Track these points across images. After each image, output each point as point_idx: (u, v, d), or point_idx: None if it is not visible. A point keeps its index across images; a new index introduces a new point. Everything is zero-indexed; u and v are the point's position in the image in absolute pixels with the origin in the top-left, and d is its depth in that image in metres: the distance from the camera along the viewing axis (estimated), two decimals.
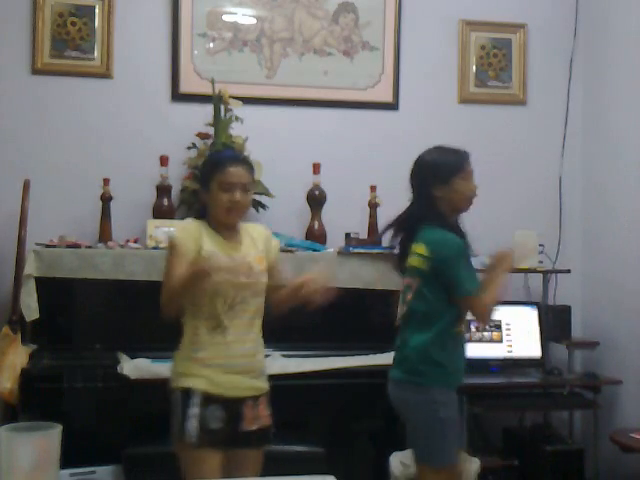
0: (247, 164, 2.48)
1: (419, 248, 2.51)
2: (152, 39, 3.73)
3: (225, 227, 2.43)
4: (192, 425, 2.25)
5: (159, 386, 2.60)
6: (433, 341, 2.45)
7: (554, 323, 3.74)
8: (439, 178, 2.59)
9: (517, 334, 3.68)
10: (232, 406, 2.31)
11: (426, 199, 2.61)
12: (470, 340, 3.65)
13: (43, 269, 3.17)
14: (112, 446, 2.92)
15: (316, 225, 3.65)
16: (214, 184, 2.39)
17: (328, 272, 2.54)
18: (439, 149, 2.68)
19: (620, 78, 3.77)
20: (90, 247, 3.32)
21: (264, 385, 2.44)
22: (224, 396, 2.30)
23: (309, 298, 2.38)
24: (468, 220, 2.65)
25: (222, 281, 2.32)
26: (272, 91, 3.81)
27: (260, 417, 2.38)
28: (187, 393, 2.29)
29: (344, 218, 3.72)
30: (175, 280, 2.26)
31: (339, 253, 3.44)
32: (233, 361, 2.34)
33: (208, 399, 2.28)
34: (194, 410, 2.27)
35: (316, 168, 3.66)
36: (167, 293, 2.29)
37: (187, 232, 2.38)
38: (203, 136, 3.60)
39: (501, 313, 3.71)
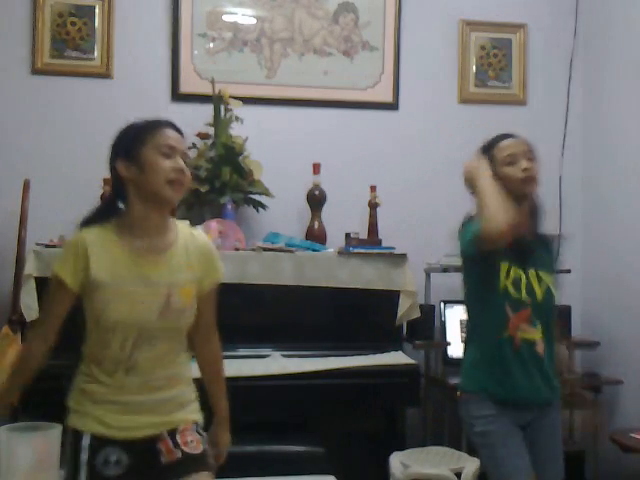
0: (182, 133, 1.97)
1: None
2: (152, 39, 3.73)
3: (157, 219, 1.91)
4: (82, 477, 1.82)
5: None
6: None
7: None
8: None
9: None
10: (137, 446, 1.87)
11: None
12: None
13: (43, 269, 3.16)
14: None
15: (316, 225, 3.65)
16: (148, 150, 1.88)
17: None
18: None
19: (620, 78, 3.77)
20: None
21: (189, 416, 1.96)
22: (119, 438, 1.85)
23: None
24: None
25: (119, 319, 1.83)
26: (272, 91, 3.81)
27: (184, 444, 1.90)
28: (76, 434, 1.85)
29: (344, 218, 3.72)
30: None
31: (339, 253, 3.44)
32: (131, 398, 1.87)
33: (100, 441, 1.84)
34: (83, 457, 1.83)
35: (316, 168, 3.66)
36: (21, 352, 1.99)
37: (67, 254, 1.87)
38: (203, 136, 3.60)
39: None
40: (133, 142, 1.92)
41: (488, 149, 2.38)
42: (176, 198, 1.90)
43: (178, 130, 1.97)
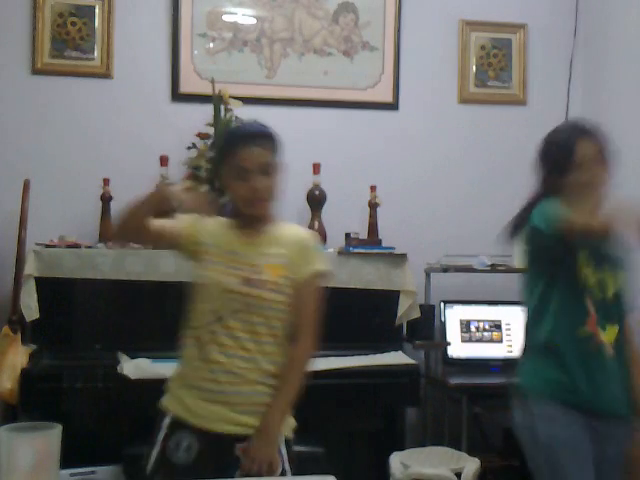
0: (264, 137, 2.02)
1: None
2: (152, 39, 3.73)
3: (249, 221, 2.02)
4: (153, 453, 1.93)
5: (159, 386, 2.59)
6: None
7: None
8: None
9: (517, 334, 3.68)
10: (211, 438, 1.92)
11: None
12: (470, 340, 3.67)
13: (43, 269, 3.16)
14: (112, 446, 2.92)
15: (316, 225, 3.65)
16: (225, 171, 2.00)
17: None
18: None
19: (620, 78, 3.77)
20: (90, 247, 3.32)
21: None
22: (194, 425, 1.93)
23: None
24: (468, 220, 2.65)
25: (209, 282, 1.96)
26: (272, 91, 3.81)
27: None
28: (161, 413, 1.99)
29: (344, 218, 3.72)
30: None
31: (339, 253, 3.44)
32: (208, 385, 1.93)
33: (178, 423, 1.94)
34: (160, 434, 1.95)
35: (316, 168, 3.66)
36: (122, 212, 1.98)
37: (195, 218, 2.02)
38: (203, 136, 3.60)
39: (501, 313, 3.72)
40: (218, 158, 2.08)
41: (566, 150, 2.19)
42: (260, 213, 2.00)
43: (259, 141, 2.00)
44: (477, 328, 3.64)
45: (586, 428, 2.01)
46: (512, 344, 3.63)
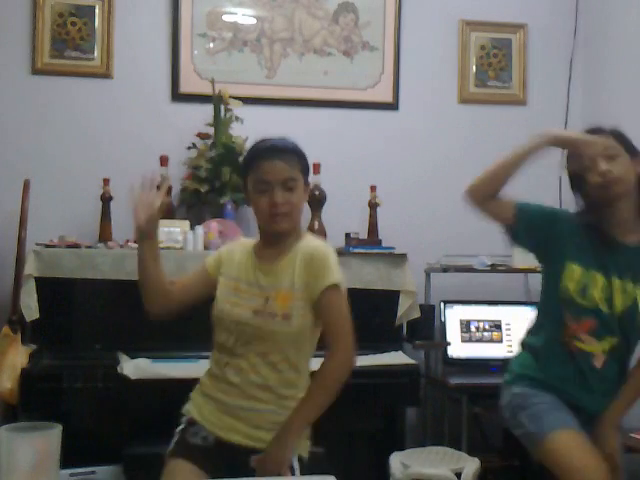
0: (288, 153, 2.00)
1: None
2: (152, 39, 3.73)
3: (272, 240, 2.03)
4: (173, 441, 2.05)
5: (159, 386, 2.61)
6: None
7: None
8: None
9: (517, 334, 3.67)
10: (227, 448, 1.97)
11: None
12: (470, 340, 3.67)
13: (43, 269, 3.16)
14: (112, 446, 2.92)
15: (316, 225, 3.65)
16: (249, 185, 2.01)
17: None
18: None
19: (620, 78, 3.77)
20: (90, 247, 3.32)
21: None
22: (212, 433, 2.01)
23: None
24: (468, 220, 2.64)
25: (223, 309, 2.01)
26: (272, 91, 3.81)
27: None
28: (181, 417, 2.10)
29: (344, 218, 3.72)
30: None
31: (339, 253, 3.43)
32: (225, 398, 1.99)
33: (195, 422, 2.04)
34: (179, 428, 2.08)
35: (316, 168, 3.65)
36: None
37: (220, 251, 2.14)
38: (203, 136, 3.60)
39: (501, 313, 3.72)
40: (242, 172, 2.07)
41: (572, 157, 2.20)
42: (281, 229, 1.99)
43: (284, 150, 2.01)
44: (477, 328, 3.64)
45: (564, 404, 2.06)
46: (512, 344, 3.63)
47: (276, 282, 1.98)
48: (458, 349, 3.64)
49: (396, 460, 3.04)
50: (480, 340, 3.65)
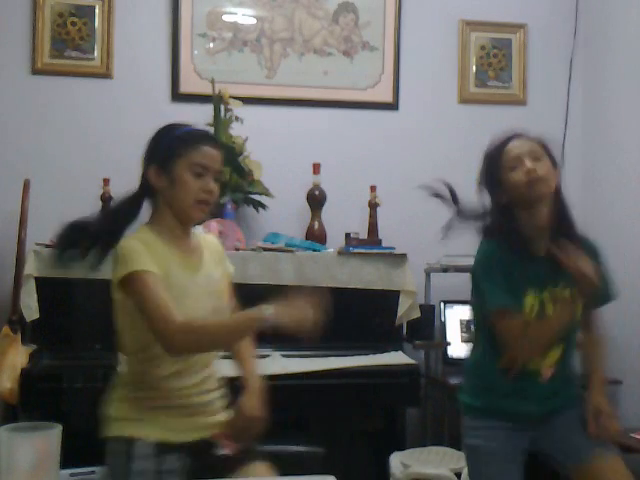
0: (220, 149, 1.99)
1: None
2: (152, 39, 3.74)
3: (181, 231, 1.95)
4: None
5: None
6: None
7: None
8: None
9: None
10: (196, 448, 1.92)
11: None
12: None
13: (43, 269, 3.16)
14: None
15: (316, 225, 3.65)
16: (182, 165, 1.89)
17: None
18: None
19: (620, 78, 3.77)
20: None
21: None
22: (182, 442, 1.89)
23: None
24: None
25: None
26: (272, 91, 3.81)
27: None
28: (130, 442, 1.89)
29: (344, 218, 3.72)
30: (210, 325, 1.84)
31: (339, 253, 3.44)
32: (186, 401, 1.93)
33: (164, 448, 1.86)
34: (142, 465, 1.85)
35: (316, 168, 3.66)
36: (191, 334, 1.80)
37: (135, 253, 1.86)
38: None
39: None
40: (168, 153, 1.90)
41: (495, 158, 2.23)
42: (200, 218, 1.94)
43: (216, 145, 1.97)
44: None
45: (511, 435, 2.07)
46: None
47: (209, 269, 1.98)
48: (458, 349, 3.64)
49: (396, 460, 3.04)
50: None
